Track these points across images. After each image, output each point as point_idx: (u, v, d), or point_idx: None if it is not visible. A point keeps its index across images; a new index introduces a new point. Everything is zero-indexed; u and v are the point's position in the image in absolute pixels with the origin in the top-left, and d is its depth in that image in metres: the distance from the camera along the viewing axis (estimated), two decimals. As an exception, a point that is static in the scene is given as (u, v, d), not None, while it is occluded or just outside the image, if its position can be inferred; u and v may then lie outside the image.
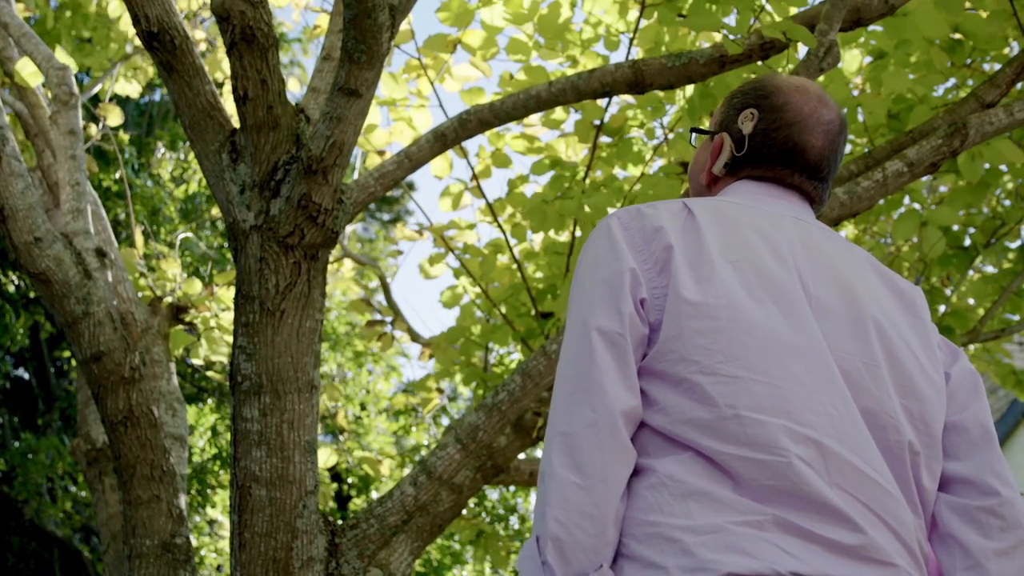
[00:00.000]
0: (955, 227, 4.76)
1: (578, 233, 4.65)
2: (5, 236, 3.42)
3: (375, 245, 15.78)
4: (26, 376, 12.82)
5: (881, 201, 4.27)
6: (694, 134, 1.89)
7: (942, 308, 5.02)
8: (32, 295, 9.67)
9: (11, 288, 9.61)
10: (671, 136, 4.71)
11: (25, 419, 12.76)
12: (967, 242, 4.85)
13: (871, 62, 4.38)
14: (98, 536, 4.62)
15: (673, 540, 1.36)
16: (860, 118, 4.42)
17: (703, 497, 1.40)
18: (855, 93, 4.56)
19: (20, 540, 12.60)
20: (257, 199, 2.94)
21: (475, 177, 4.90)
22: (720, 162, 1.78)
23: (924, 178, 4.54)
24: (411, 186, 15.78)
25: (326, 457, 5.65)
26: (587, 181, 4.62)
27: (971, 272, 5.30)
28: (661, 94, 4.46)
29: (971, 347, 5.26)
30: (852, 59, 4.60)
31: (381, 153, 4.84)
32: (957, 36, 4.01)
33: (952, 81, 4.42)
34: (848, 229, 5.63)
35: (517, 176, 4.96)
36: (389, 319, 5.57)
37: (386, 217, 17.62)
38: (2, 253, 9.05)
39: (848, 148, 4.86)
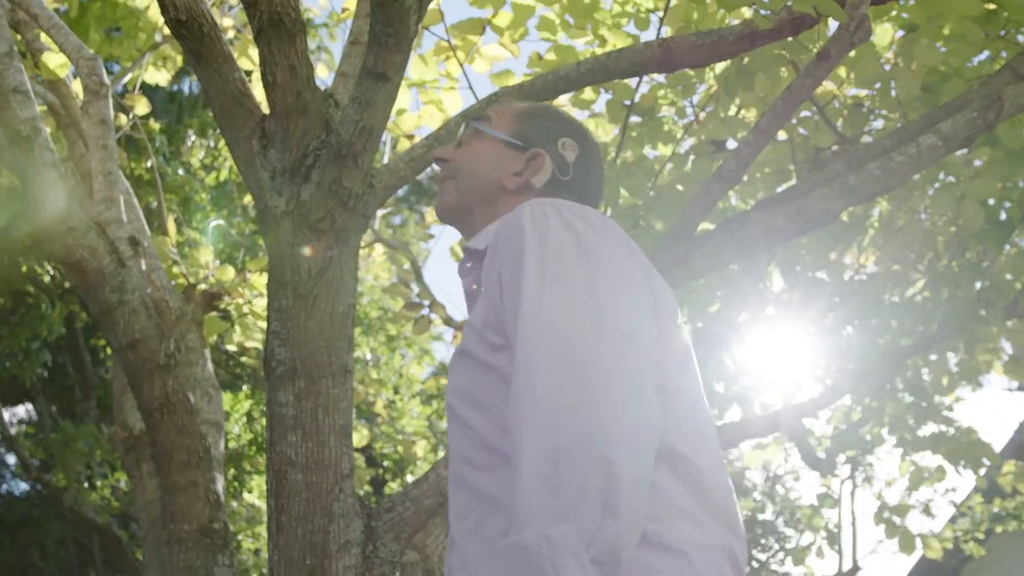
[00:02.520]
0: (991, 201, 4.71)
1: (608, 213, 4.63)
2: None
3: (406, 230, 15.79)
4: (63, 365, 12.95)
5: (917, 176, 4.23)
6: (475, 126, 1.82)
7: (978, 284, 4.97)
8: (67, 285, 9.74)
9: (46, 278, 9.69)
10: (702, 115, 4.68)
11: (63, 408, 12.89)
12: (1003, 216, 4.79)
13: (903, 35, 4.33)
14: (137, 522, 4.67)
15: (680, 552, 1.29)
16: (893, 92, 4.37)
17: (689, 515, 1.34)
18: (887, 67, 4.51)
19: (60, 527, 12.74)
20: (288, 185, 2.94)
21: (505, 159, 4.87)
22: (542, 178, 1.73)
23: (959, 152, 4.49)
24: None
25: (359, 437, 5.66)
26: (618, 162, 4.60)
27: (1007, 247, 5.24)
28: (691, 73, 4.42)
29: (1009, 322, 5.21)
30: (883, 33, 4.54)
31: (411, 137, 4.83)
32: (991, 6, 3.95)
33: (986, 53, 4.36)
34: (882, 205, 5.58)
35: (548, 158, 4.94)
36: (427, 303, 5.57)
37: (425, 208, 17.63)
38: (37, 243, 9.12)
39: (880, 123, 4.81)
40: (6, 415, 12.11)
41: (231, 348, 5.38)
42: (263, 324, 5.19)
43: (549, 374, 1.28)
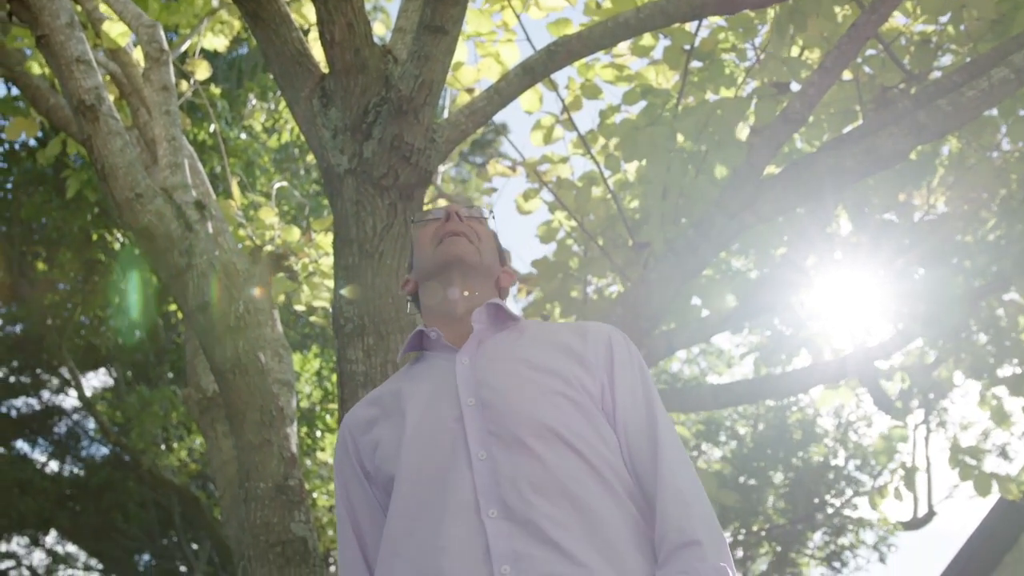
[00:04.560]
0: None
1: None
2: (107, 194, 3.48)
3: (469, 185, 15.78)
4: (136, 332, 13.18)
5: (994, 111, 4.13)
6: (488, 221, 2.13)
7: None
8: (137, 252, 9.89)
9: (116, 246, 9.84)
10: (763, 56, 4.59)
11: (137, 373, 13.13)
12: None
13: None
14: (214, 482, 4.75)
15: None
16: (961, 26, 4.25)
17: None
18: None
19: (140, 489, 13.03)
20: (350, 142, 2.94)
21: (565, 110, 4.84)
22: (510, 291, 2.15)
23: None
24: (503, 128, 15.66)
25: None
26: (680, 108, 4.54)
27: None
28: (752, 14, 4.34)
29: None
30: (950, -35, 4.43)
31: (470, 91, 4.81)
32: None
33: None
34: (952, 143, 5.46)
35: (608, 106, 4.89)
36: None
37: (479, 160, 17.59)
38: (105, 211, 9.25)
39: (948, 59, 4.70)
40: (83, 381, 12.36)
41: (299, 308, 5.43)
42: (330, 283, 5.22)
43: (682, 452, 1.83)
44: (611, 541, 1.69)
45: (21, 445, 15.02)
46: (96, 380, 14.10)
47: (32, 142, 9.79)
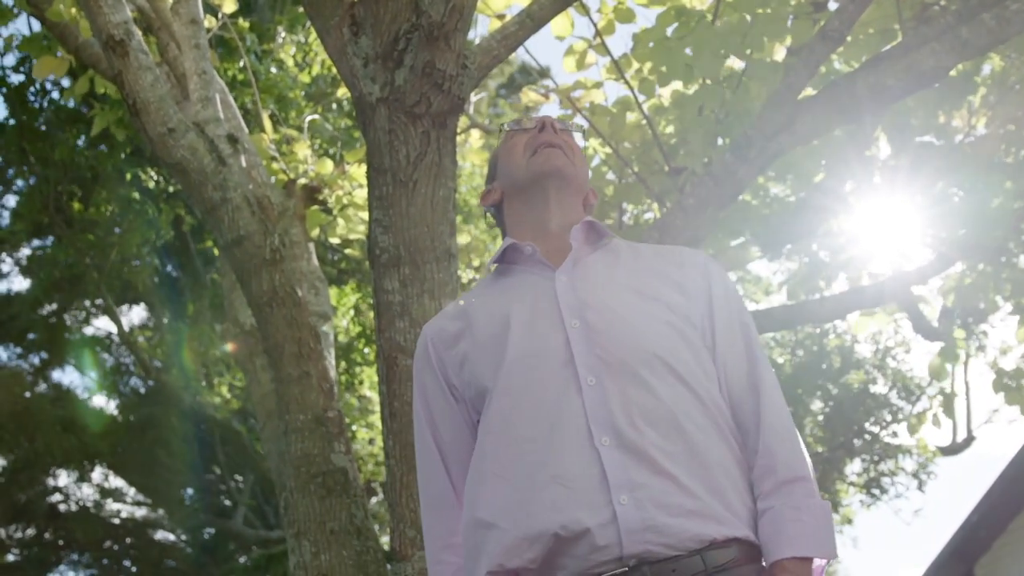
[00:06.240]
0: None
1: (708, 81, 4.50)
2: (139, 129, 3.48)
3: (502, 118, 15.68)
4: (174, 268, 13.27)
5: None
6: (580, 140, 2.11)
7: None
8: (171, 189, 9.92)
9: (151, 184, 9.86)
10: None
11: (176, 310, 13.25)
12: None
13: None
14: (255, 416, 4.78)
15: None
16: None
17: None
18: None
19: (182, 425, 13.20)
20: (381, 71, 2.91)
21: (598, 34, 4.77)
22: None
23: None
24: (547, 71, 15.49)
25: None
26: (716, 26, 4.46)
27: None
28: (788, -69, 4.24)
29: None
30: None
31: (501, 17, 4.74)
32: None
33: None
34: (994, 61, 5.34)
35: (642, 30, 4.81)
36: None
37: (516, 98, 17.44)
38: (138, 149, 9.26)
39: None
40: (123, 319, 12.48)
41: (334, 241, 5.42)
42: (365, 215, 5.21)
43: (779, 390, 1.85)
44: (715, 477, 1.69)
45: (63, 382, 15.24)
46: (135, 317, 14.21)
47: (65, 81, 9.80)
